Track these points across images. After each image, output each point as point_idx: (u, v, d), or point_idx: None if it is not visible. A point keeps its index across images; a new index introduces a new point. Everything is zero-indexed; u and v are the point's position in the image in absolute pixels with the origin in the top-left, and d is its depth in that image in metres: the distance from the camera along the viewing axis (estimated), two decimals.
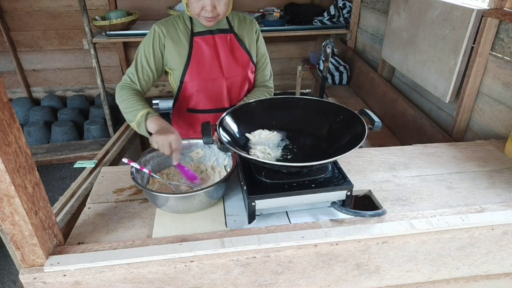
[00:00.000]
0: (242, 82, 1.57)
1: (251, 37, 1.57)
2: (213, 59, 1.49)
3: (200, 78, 1.49)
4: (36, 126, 3.38)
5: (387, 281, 1.12)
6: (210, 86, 1.51)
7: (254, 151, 1.15)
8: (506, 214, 1.10)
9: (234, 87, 1.56)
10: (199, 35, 1.48)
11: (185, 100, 1.56)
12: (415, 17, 2.28)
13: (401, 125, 2.44)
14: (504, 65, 1.69)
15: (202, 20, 1.41)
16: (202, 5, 1.34)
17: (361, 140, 1.04)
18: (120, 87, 1.40)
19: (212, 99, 1.54)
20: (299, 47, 4.31)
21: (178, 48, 1.46)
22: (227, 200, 1.17)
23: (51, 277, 0.89)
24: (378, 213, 1.06)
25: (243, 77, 1.56)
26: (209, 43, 1.48)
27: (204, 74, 1.48)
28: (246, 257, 0.96)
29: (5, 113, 0.75)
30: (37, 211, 0.86)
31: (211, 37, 1.49)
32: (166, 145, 1.14)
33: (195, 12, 1.37)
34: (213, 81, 1.50)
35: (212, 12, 1.35)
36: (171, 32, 1.46)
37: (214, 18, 1.38)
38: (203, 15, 1.38)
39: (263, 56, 1.63)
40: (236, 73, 1.53)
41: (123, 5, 3.66)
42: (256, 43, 1.60)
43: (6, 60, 3.77)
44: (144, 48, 1.44)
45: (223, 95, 1.54)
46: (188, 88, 1.51)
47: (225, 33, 1.51)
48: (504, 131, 1.69)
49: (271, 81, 1.68)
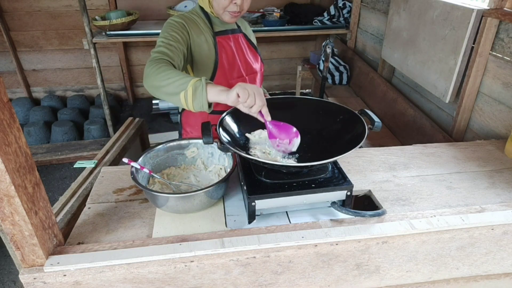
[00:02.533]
0: (258, 79, 1.59)
1: (253, 36, 1.61)
2: (235, 59, 1.48)
3: (226, 79, 1.46)
4: (36, 126, 3.39)
5: (387, 281, 1.12)
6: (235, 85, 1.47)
7: (254, 151, 1.15)
8: (506, 214, 1.10)
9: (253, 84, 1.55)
10: (220, 35, 1.44)
11: None
12: (415, 17, 2.28)
13: (401, 125, 2.44)
14: (504, 65, 1.69)
15: (226, 16, 1.35)
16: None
17: (361, 140, 1.04)
18: (150, 61, 1.15)
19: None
20: (299, 47, 4.31)
21: (205, 47, 1.39)
22: (227, 200, 1.17)
23: (51, 277, 0.89)
24: (378, 213, 1.06)
25: (259, 75, 1.58)
26: (229, 43, 1.46)
27: (230, 75, 1.46)
28: (246, 257, 0.96)
29: (5, 113, 0.75)
30: (37, 211, 0.86)
31: (230, 36, 1.47)
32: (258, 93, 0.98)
33: (223, 5, 1.32)
34: (237, 80, 1.48)
35: (240, 6, 1.33)
36: (195, 28, 1.37)
37: (239, 13, 1.36)
38: (230, 10, 1.33)
39: None
40: (253, 71, 1.55)
41: (123, 5, 3.66)
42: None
43: (6, 60, 3.77)
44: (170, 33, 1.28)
45: None
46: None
47: (237, 33, 1.52)
48: (504, 131, 1.69)
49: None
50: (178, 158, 1.28)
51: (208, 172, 1.26)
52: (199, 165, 1.29)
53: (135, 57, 4.03)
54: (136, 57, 4.03)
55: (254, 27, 3.36)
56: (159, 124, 3.76)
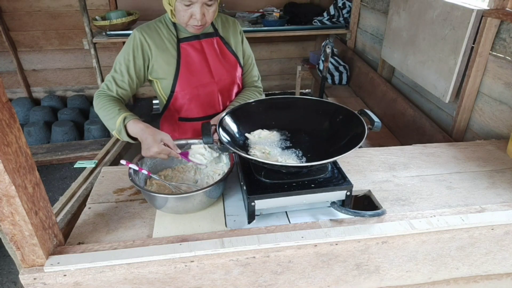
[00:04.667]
0: (232, 85, 1.54)
1: (236, 39, 1.54)
2: (202, 65, 1.44)
3: (191, 86, 1.43)
4: (36, 126, 3.39)
5: (387, 281, 1.12)
6: (202, 93, 1.46)
7: (254, 151, 1.15)
8: (508, 214, 1.10)
9: (225, 91, 1.52)
10: (186, 41, 1.42)
11: (176, 110, 1.51)
12: (415, 17, 2.28)
13: (401, 125, 2.44)
14: (506, 65, 1.69)
15: (190, 28, 1.35)
16: (190, 14, 1.29)
17: (360, 140, 1.04)
18: (97, 95, 1.33)
19: (205, 106, 1.50)
20: (298, 47, 4.31)
21: (165, 56, 1.39)
22: (227, 200, 1.17)
23: (51, 277, 0.89)
24: (378, 213, 1.06)
25: (232, 80, 1.52)
26: (197, 48, 1.43)
27: (195, 82, 1.43)
28: (246, 257, 0.96)
29: (4, 113, 0.75)
30: (37, 211, 0.86)
31: (198, 42, 1.44)
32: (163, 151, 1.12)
33: (183, 20, 1.31)
34: (205, 87, 1.46)
35: (201, 20, 1.30)
36: (155, 39, 1.38)
37: (202, 26, 1.34)
38: (191, 24, 1.32)
39: (249, 57, 1.60)
40: (226, 77, 1.49)
41: (123, 5, 3.66)
42: (242, 45, 1.56)
43: (6, 60, 3.77)
44: (124, 55, 1.36)
45: (216, 100, 1.50)
46: (179, 98, 1.45)
47: (211, 37, 1.46)
48: (506, 131, 1.69)
49: (259, 82, 1.66)
50: (175, 159, 1.28)
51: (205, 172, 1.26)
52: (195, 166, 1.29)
53: None
54: None
55: (254, 27, 3.36)
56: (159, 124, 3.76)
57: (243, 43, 1.57)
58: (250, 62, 1.61)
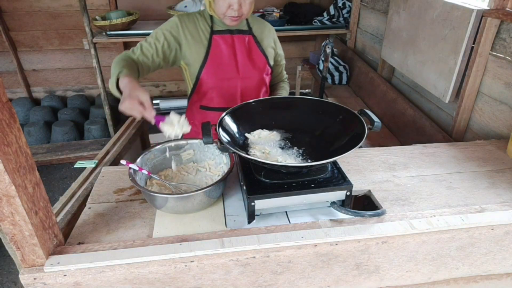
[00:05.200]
0: (257, 84, 1.59)
1: (269, 42, 1.63)
2: (230, 59, 1.51)
3: (215, 76, 1.50)
4: (36, 126, 3.39)
5: (387, 281, 1.12)
6: (225, 85, 1.54)
7: (254, 151, 1.15)
8: (508, 214, 1.10)
9: (249, 88, 1.58)
10: (219, 34, 1.50)
11: (199, 97, 1.59)
12: (415, 17, 2.28)
13: (400, 125, 2.44)
14: (506, 65, 1.69)
15: (227, 20, 1.43)
16: (228, 4, 1.37)
17: (360, 140, 1.04)
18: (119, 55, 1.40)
19: (226, 98, 1.56)
20: (298, 47, 4.31)
21: (197, 45, 1.48)
22: (226, 200, 1.18)
23: (51, 278, 0.89)
24: (378, 213, 1.07)
25: (258, 79, 1.59)
26: (228, 42, 1.51)
27: (220, 73, 1.50)
28: (246, 257, 0.96)
29: (4, 113, 0.75)
30: (37, 211, 0.86)
31: (230, 36, 1.52)
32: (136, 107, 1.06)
33: (221, 11, 1.40)
34: (228, 80, 1.53)
35: (238, 11, 1.38)
36: (191, 27, 1.48)
37: (238, 17, 1.41)
38: (228, 14, 1.40)
39: (283, 59, 1.74)
40: (251, 75, 1.56)
41: (124, 5, 3.66)
42: (276, 48, 1.67)
43: (6, 60, 3.77)
44: (157, 32, 1.46)
45: (237, 95, 1.57)
46: (203, 85, 1.53)
47: (244, 34, 1.54)
48: (506, 131, 1.69)
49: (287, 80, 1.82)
50: (175, 159, 1.28)
51: (204, 173, 1.26)
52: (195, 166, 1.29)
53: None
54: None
55: None
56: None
57: (276, 46, 1.69)
58: (283, 63, 1.76)
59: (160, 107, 3.88)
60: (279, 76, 1.78)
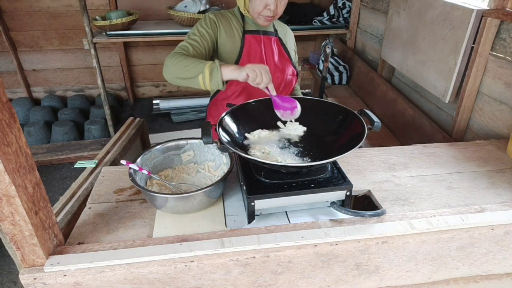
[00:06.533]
0: (282, 83, 1.61)
1: (291, 44, 1.68)
2: (262, 59, 1.54)
3: None
4: (36, 126, 3.39)
5: (386, 281, 1.12)
6: None
7: (254, 151, 1.15)
8: (508, 214, 1.10)
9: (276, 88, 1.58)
10: (250, 33, 1.52)
11: (227, 95, 1.60)
12: (415, 17, 2.28)
13: (400, 125, 2.44)
14: (506, 65, 1.69)
15: (261, 19, 1.44)
16: (265, 3, 1.38)
17: (360, 140, 1.04)
18: (171, 55, 1.36)
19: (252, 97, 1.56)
20: (298, 47, 4.27)
21: (231, 43, 1.50)
22: (226, 200, 1.18)
23: (51, 278, 0.89)
24: (378, 213, 1.07)
25: (283, 78, 1.61)
26: (259, 42, 1.53)
27: None
28: (246, 257, 0.96)
29: (4, 113, 0.75)
30: (37, 211, 0.86)
31: (260, 37, 1.54)
32: (265, 72, 1.17)
33: (257, 10, 1.41)
34: None
35: (274, 11, 1.39)
36: (226, 25, 1.50)
37: (272, 17, 1.43)
38: (264, 14, 1.41)
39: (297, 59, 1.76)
40: (278, 75, 1.58)
41: (124, 5, 3.66)
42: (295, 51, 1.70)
43: (6, 60, 3.77)
44: (197, 29, 1.46)
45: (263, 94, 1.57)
46: (233, 84, 1.54)
47: (271, 35, 1.57)
48: (506, 131, 1.69)
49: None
50: (175, 159, 1.28)
51: (204, 173, 1.26)
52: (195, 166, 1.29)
53: (136, 57, 4.03)
54: (137, 57, 4.03)
55: None
56: (160, 124, 3.76)
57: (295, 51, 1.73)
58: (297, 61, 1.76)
59: (160, 107, 3.89)
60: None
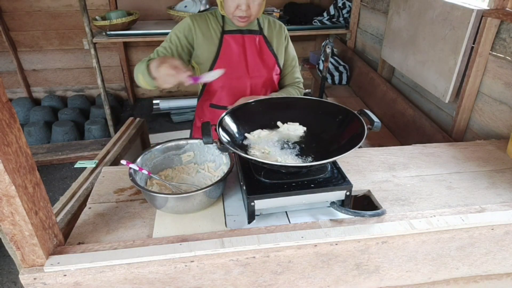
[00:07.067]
0: (265, 83, 1.61)
1: (279, 41, 1.62)
2: (240, 58, 1.54)
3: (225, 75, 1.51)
4: (36, 126, 3.39)
5: (387, 281, 1.12)
6: (235, 84, 1.56)
7: (253, 151, 1.15)
8: (508, 214, 1.10)
9: (257, 87, 1.60)
10: (230, 33, 1.53)
11: (209, 96, 1.62)
12: (415, 17, 2.28)
13: (400, 125, 2.44)
14: (506, 65, 1.69)
15: (235, 20, 1.45)
16: (237, 4, 1.39)
17: (360, 140, 1.04)
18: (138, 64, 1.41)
19: (235, 97, 1.58)
20: (298, 47, 4.31)
21: (208, 44, 1.51)
22: (226, 200, 1.18)
23: (51, 278, 0.89)
24: (378, 213, 1.07)
25: (267, 79, 1.60)
26: (238, 42, 1.53)
27: (230, 72, 1.51)
28: (246, 257, 0.96)
29: (4, 113, 0.75)
30: (37, 211, 0.86)
31: (241, 36, 1.54)
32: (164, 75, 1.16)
33: (230, 11, 1.42)
34: (238, 79, 1.55)
35: (246, 11, 1.40)
36: (203, 27, 1.51)
37: (247, 18, 1.43)
38: (237, 14, 1.42)
39: (293, 60, 1.69)
40: (260, 74, 1.58)
41: (124, 5, 3.66)
42: (287, 48, 1.65)
43: (6, 60, 3.77)
44: (172, 35, 1.50)
45: (246, 93, 1.59)
46: (213, 84, 1.56)
47: (254, 34, 1.56)
48: (506, 131, 1.69)
49: (301, 84, 1.75)
50: (175, 159, 1.28)
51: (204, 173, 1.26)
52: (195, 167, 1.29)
53: (136, 57, 4.03)
54: (137, 57, 4.03)
55: None
56: (160, 124, 3.77)
57: (288, 46, 1.66)
58: (294, 64, 1.71)
59: (160, 107, 3.89)
60: (288, 78, 1.71)
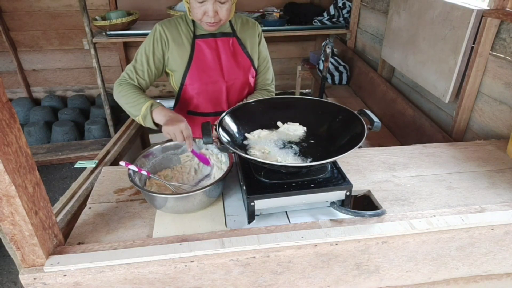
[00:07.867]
0: (242, 86, 1.57)
1: (253, 41, 1.57)
2: (215, 62, 1.49)
3: (200, 81, 1.48)
4: (36, 126, 3.39)
5: (387, 281, 1.12)
6: (210, 89, 1.51)
7: (253, 151, 1.15)
8: (508, 214, 1.10)
9: (234, 91, 1.56)
10: (201, 38, 1.47)
11: (186, 102, 1.57)
12: (415, 17, 2.28)
13: (400, 125, 2.44)
14: (506, 65, 1.69)
15: (204, 25, 1.40)
16: (204, 11, 1.34)
17: (360, 140, 1.04)
18: (118, 83, 1.41)
19: (212, 102, 1.55)
20: (298, 47, 4.31)
21: (180, 50, 1.46)
22: (226, 200, 1.18)
23: (51, 278, 0.89)
24: (378, 213, 1.07)
25: (243, 81, 1.56)
26: (211, 46, 1.48)
27: (204, 77, 1.48)
28: (246, 257, 0.96)
29: (4, 113, 0.75)
30: (37, 211, 0.86)
31: (214, 40, 1.49)
32: (178, 133, 1.18)
33: (197, 17, 1.37)
34: (213, 84, 1.50)
35: (214, 17, 1.34)
36: (174, 33, 1.45)
37: (216, 23, 1.38)
38: (205, 20, 1.37)
39: (264, 60, 1.62)
40: (236, 77, 1.53)
41: (123, 5, 3.66)
42: (258, 47, 1.59)
43: (6, 60, 3.77)
44: (145, 47, 1.44)
45: (222, 98, 1.55)
46: (188, 91, 1.51)
47: (227, 36, 1.51)
48: (506, 131, 1.69)
49: (272, 86, 1.67)
50: (173, 159, 1.28)
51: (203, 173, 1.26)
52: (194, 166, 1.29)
53: None
54: None
55: None
56: None
57: (260, 45, 1.60)
58: (265, 64, 1.64)
59: None
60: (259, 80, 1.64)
